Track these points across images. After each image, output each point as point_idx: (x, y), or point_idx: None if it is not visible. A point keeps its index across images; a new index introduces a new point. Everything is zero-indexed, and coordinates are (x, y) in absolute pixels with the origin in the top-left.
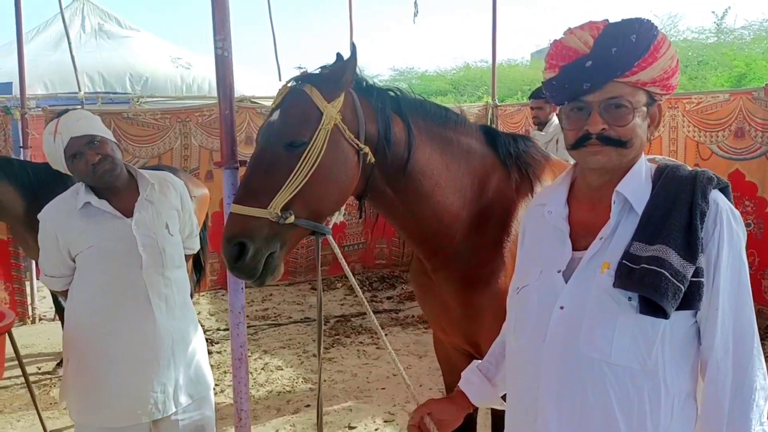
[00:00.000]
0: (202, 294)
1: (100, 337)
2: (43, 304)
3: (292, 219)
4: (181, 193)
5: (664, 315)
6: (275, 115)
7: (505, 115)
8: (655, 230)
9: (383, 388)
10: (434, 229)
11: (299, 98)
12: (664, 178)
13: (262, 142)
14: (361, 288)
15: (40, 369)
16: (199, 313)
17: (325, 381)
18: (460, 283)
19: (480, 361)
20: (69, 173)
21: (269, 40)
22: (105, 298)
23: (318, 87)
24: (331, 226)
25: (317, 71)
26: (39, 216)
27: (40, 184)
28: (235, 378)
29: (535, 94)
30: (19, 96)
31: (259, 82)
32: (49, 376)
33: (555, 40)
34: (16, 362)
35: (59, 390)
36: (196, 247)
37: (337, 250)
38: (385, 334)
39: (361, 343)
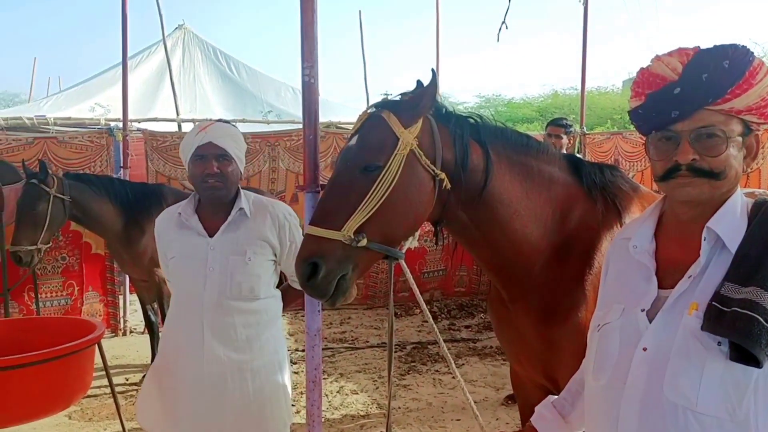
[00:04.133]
0: (283, 315)
1: (168, 352)
2: (135, 317)
3: (364, 242)
4: (281, 224)
5: (757, 363)
6: (353, 140)
7: (594, 144)
8: (749, 271)
9: (458, 420)
10: (512, 259)
11: (377, 124)
12: (762, 214)
13: (340, 165)
14: (439, 315)
15: (128, 380)
16: None
17: (399, 408)
18: (538, 315)
19: (555, 397)
20: (185, 167)
21: (358, 64)
22: (175, 312)
23: (396, 113)
24: (404, 251)
25: (397, 98)
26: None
27: (138, 203)
28: (309, 400)
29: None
30: (121, 118)
31: (347, 108)
32: (136, 387)
33: (642, 68)
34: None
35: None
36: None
37: (409, 275)
38: (462, 364)
39: (437, 371)
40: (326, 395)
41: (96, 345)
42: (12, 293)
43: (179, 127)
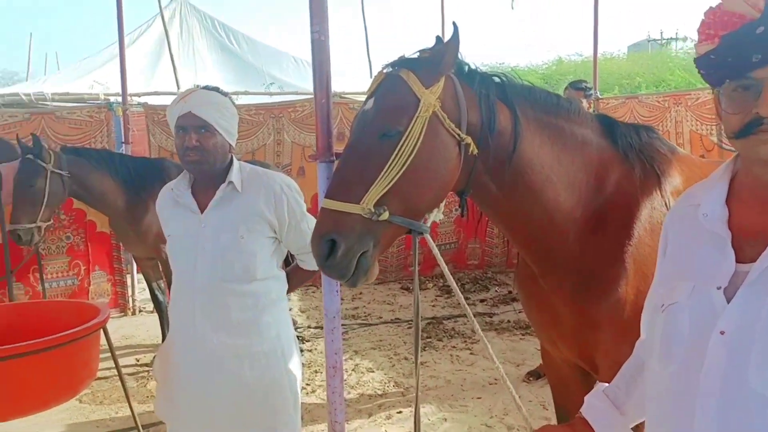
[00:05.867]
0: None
1: (169, 335)
2: (143, 296)
3: (386, 215)
4: (277, 198)
5: None
6: (369, 104)
7: (608, 109)
8: None
9: (479, 398)
10: (544, 230)
11: (395, 85)
12: None
13: (356, 132)
14: (453, 291)
15: (138, 361)
16: (289, 310)
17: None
18: (573, 290)
19: (606, 384)
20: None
21: (358, 32)
22: (173, 293)
23: (415, 72)
24: (429, 225)
25: (415, 55)
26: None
27: (140, 179)
28: (329, 387)
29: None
30: (120, 93)
31: (353, 77)
32: (147, 368)
33: (711, 8)
34: (116, 353)
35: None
36: (312, 265)
37: (436, 251)
38: (478, 340)
39: (453, 347)
40: None
41: (101, 330)
42: (17, 274)
43: None
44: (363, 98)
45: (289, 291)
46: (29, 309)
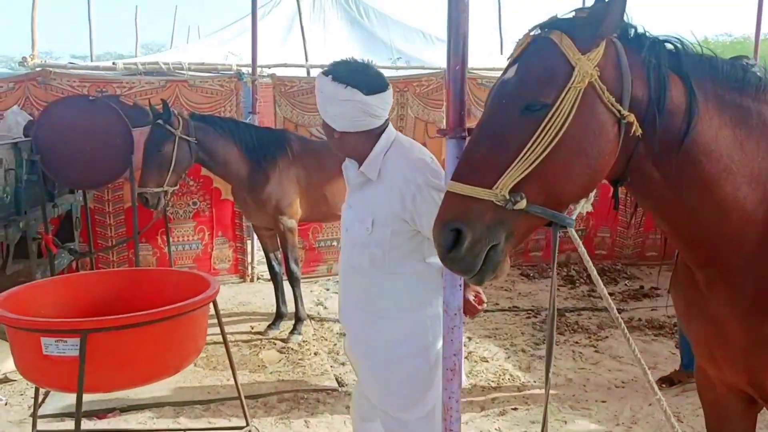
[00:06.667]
0: None
1: None
2: (262, 264)
3: (523, 204)
4: (417, 187)
5: None
6: (511, 71)
7: None
8: None
9: (603, 401)
10: (716, 230)
11: (544, 49)
12: None
13: (492, 104)
14: (576, 280)
15: (252, 328)
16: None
17: (535, 383)
18: (748, 304)
19: None
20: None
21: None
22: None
23: (570, 34)
24: (574, 217)
25: (569, 15)
26: None
27: (262, 149)
28: (446, 392)
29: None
30: (251, 63)
31: (482, 51)
32: (260, 336)
33: None
34: (232, 319)
35: None
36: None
37: (582, 249)
38: (605, 337)
39: (576, 342)
40: None
41: (211, 303)
42: (146, 235)
43: (308, 72)
44: (493, 74)
45: None
46: (143, 276)
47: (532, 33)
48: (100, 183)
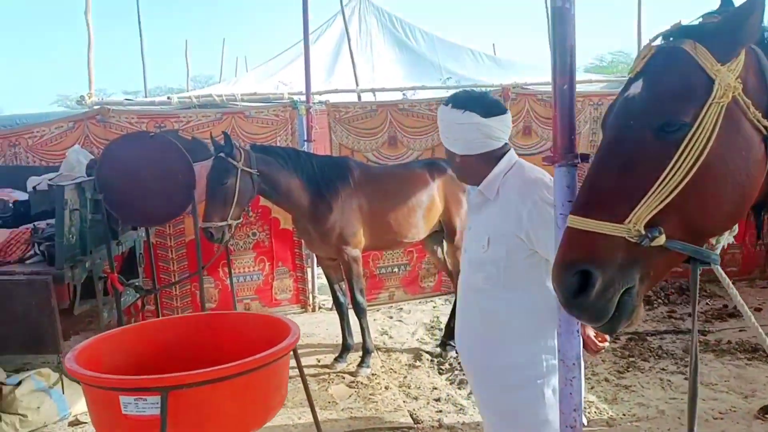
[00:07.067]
0: None
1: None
2: (322, 293)
3: (662, 240)
4: (532, 206)
5: None
6: (636, 87)
7: None
8: None
9: None
10: None
11: (676, 60)
12: None
13: (617, 126)
14: (654, 300)
15: (319, 361)
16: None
17: (624, 416)
18: None
19: None
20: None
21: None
22: None
23: (704, 43)
24: (718, 251)
25: (697, 22)
26: None
27: (324, 177)
28: None
29: None
30: (304, 92)
31: (532, 68)
32: (328, 370)
33: None
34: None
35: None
36: None
37: (727, 281)
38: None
39: (663, 369)
40: None
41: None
42: (208, 268)
43: (359, 97)
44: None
45: None
46: (218, 321)
47: (655, 43)
48: (164, 219)
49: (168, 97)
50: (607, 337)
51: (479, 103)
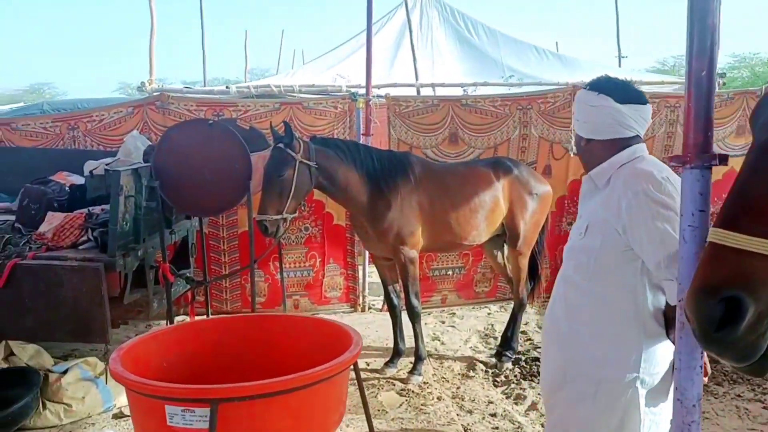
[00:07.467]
0: (533, 305)
1: None
2: (372, 293)
3: None
4: (632, 198)
5: None
6: None
7: None
8: None
9: None
10: None
11: None
12: None
13: None
14: None
15: (368, 365)
16: (525, 324)
17: None
18: None
19: None
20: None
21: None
22: None
23: None
24: None
25: None
26: None
27: (384, 173)
28: None
29: None
30: (364, 85)
31: (597, 65)
32: (377, 375)
33: None
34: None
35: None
36: (672, 297)
37: None
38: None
39: (739, 396)
40: None
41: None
42: (258, 261)
43: (418, 91)
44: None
45: (667, 333)
46: (273, 324)
47: None
48: (219, 210)
49: (227, 87)
50: (709, 370)
51: (617, 89)
